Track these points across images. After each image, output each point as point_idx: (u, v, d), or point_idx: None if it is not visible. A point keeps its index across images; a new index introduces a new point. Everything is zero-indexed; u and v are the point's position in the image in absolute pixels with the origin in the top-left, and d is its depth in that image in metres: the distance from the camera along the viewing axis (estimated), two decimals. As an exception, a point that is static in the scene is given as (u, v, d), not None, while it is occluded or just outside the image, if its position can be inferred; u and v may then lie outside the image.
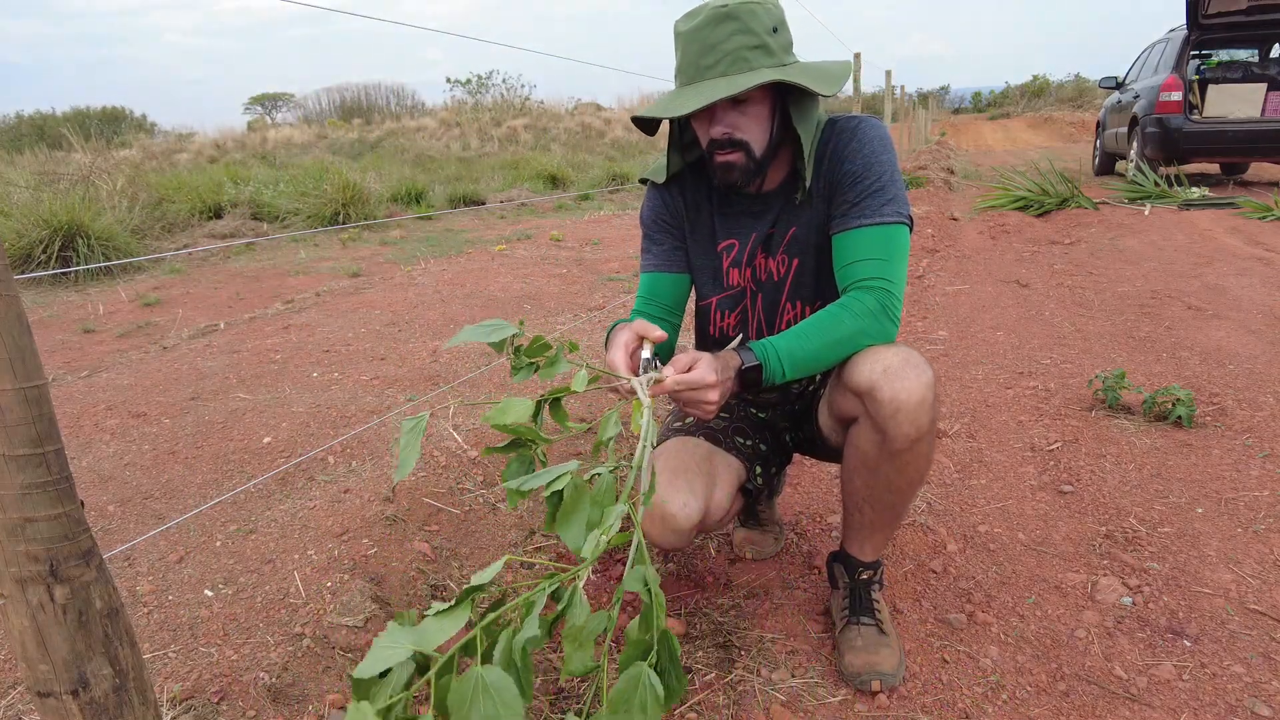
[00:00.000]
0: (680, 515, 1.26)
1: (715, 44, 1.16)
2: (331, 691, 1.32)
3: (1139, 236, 5.32)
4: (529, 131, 17.41)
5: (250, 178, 8.72)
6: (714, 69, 1.16)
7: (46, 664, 0.77)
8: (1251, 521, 1.77)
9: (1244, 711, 1.22)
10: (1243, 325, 3.22)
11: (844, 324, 1.19)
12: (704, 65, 1.17)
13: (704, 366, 1.12)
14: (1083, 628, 1.44)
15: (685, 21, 1.20)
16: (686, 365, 1.13)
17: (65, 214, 5.24)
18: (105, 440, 2.42)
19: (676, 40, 1.22)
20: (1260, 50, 8.40)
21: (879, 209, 1.22)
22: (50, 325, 4.11)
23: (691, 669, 1.38)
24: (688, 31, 1.18)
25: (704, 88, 1.16)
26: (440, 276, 4.87)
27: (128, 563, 1.69)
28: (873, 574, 1.39)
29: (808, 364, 1.20)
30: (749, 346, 1.19)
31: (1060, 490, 1.97)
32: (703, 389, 1.12)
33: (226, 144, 16.79)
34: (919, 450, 1.21)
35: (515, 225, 7.47)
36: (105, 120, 26.00)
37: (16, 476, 0.73)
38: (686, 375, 1.11)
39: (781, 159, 1.32)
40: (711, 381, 1.12)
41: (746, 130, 1.22)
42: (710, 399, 1.13)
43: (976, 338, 3.31)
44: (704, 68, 1.17)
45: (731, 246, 1.39)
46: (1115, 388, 2.43)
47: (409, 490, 1.95)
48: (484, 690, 0.67)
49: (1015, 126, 26.15)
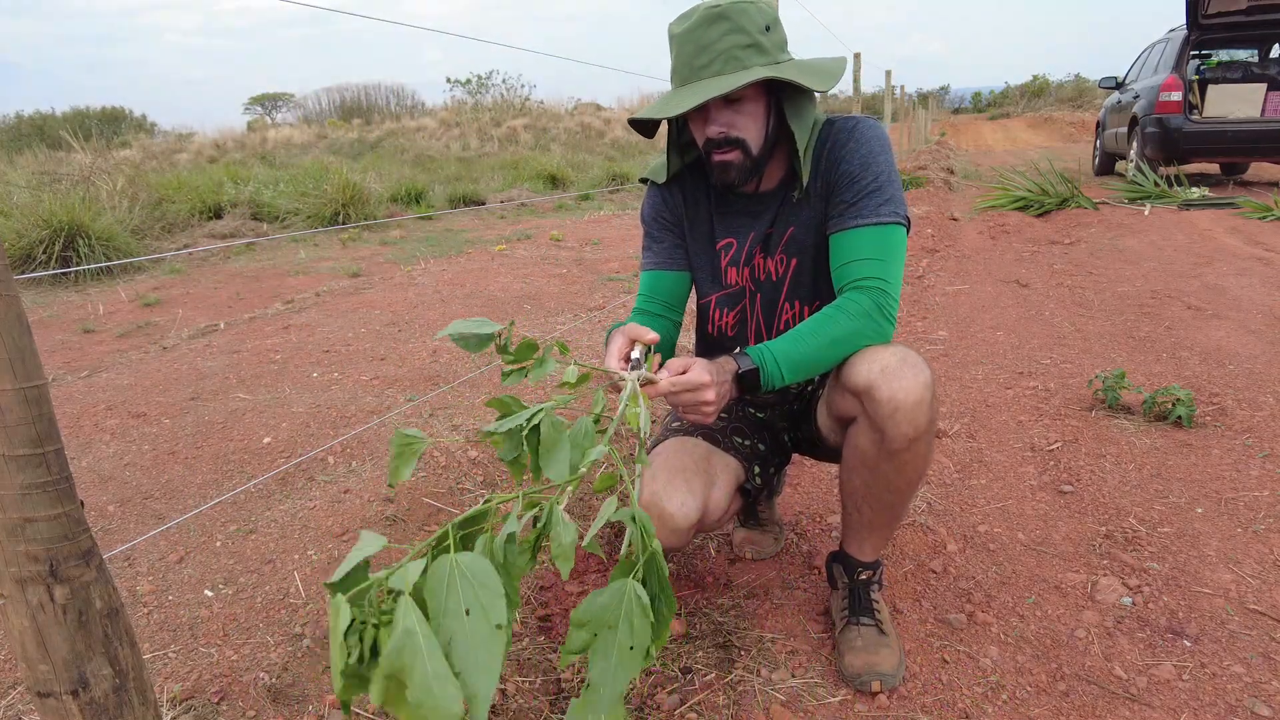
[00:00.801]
0: (678, 515, 1.26)
1: (708, 44, 1.16)
2: (332, 692, 1.32)
3: (1139, 236, 5.32)
4: (529, 131, 17.41)
5: (250, 178, 8.72)
6: (708, 69, 1.17)
7: (46, 664, 0.77)
8: (1251, 521, 1.77)
9: (1244, 711, 1.22)
10: (1242, 325, 3.22)
11: (840, 325, 1.19)
12: (698, 65, 1.17)
13: (698, 368, 1.13)
14: (1083, 628, 1.44)
15: (679, 23, 1.20)
16: (681, 368, 1.13)
17: (65, 214, 5.24)
18: (105, 440, 2.41)
19: (671, 42, 1.22)
20: (1260, 50, 8.40)
21: (876, 209, 1.23)
22: (50, 325, 4.11)
23: (691, 669, 1.38)
24: (681, 33, 1.19)
25: (698, 88, 1.16)
26: (440, 277, 4.87)
27: (128, 563, 1.69)
28: (872, 574, 1.39)
29: (805, 366, 1.20)
30: (745, 352, 1.20)
31: (1060, 490, 1.97)
32: (698, 389, 1.12)
33: (226, 144, 16.78)
34: (917, 450, 1.21)
35: (515, 225, 7.47)
36: (105, 120, 25.98)
37: (16, 476, 0.73)
38: (681, 376, 1.12)
39: (779, 158, 1.32)
40: (706, 381, 1.12)
41: (742, 129, 1.22)
42: (706, 398, 1.13)
43: (976, 338, 3.31)
44: (698, 68, 1.18)
45: (730, 245, 1.39)
46: (1115, 388, 2.43)
47: (409, 491, 1.95)
48: (460, 575, 0.60)
49: (1015, 126, 26.14)
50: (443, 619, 0.59)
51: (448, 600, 0.60)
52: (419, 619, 0.58)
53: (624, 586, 0.74)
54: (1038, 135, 22.96)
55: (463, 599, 0.60)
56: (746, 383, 1.18)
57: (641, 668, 0.73)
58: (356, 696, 0.61)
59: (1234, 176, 8.70)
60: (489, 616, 0.59)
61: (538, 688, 1.35)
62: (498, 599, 0.60)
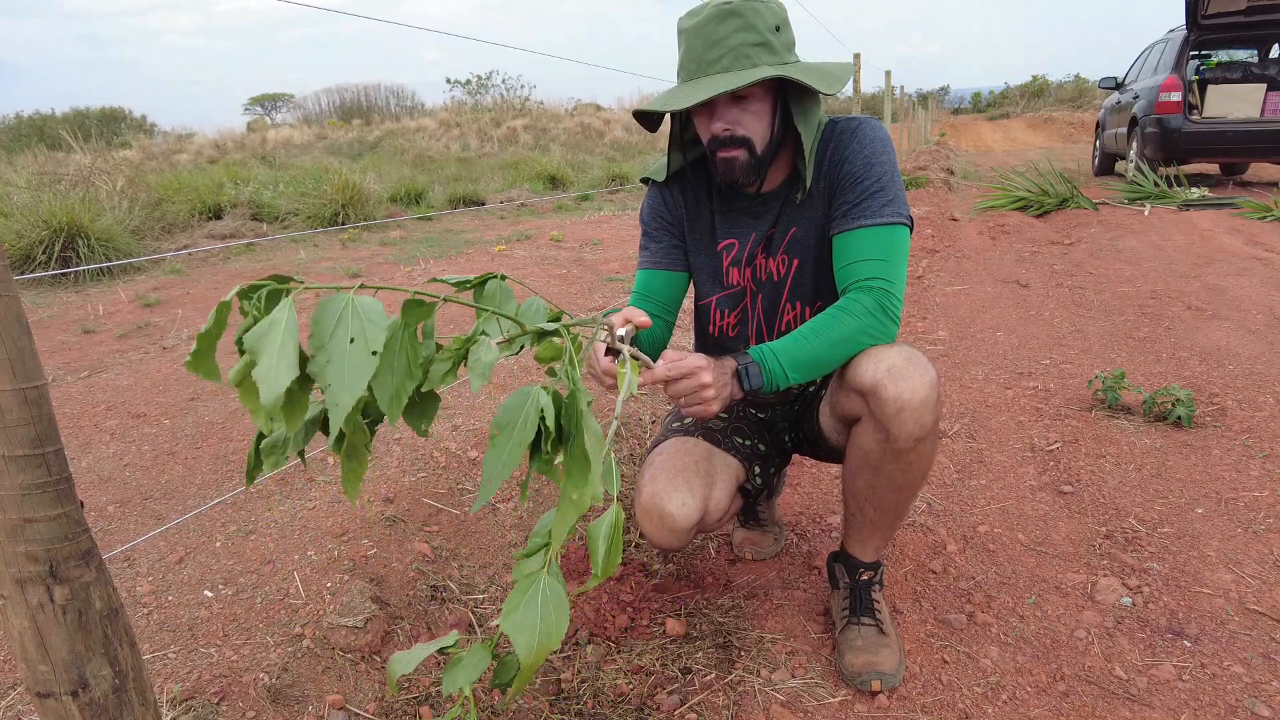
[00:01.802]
0: (679, 515, 1.26)
1: (718, 40, 1.16)
2: (331, 692, 1.32)
3: (1138, 237, 5.32)
4: (528, 132, 17.41)
5: (250, 178, 8.72)
6: (716, 64, 1.17)
7: (46, 665, 0.77)
8: (1251, 521, 1.77)
9: (1244, 712, 1.22)
10: (1242, 325, 3.22)
11: (844, 325, 1.19)
12: (707, 60, 1.17)
13: (695, 356, 1.13)
14: (1083, 628, 1.44)
15: (689, 18, 1.20)
16: (677, 358, 1.13)
17: (65, 215, 5.24)
18: (105, 441, 2.41)
19: (680, 36, 1.22)
20: (1259, 50, 8.40)
21: (879, 210, 1.23)
22: (50, 326, 4.11)
23: (691, 669, 1.38)
24: (691, 28, 1.19)
25: (706, 83, 1.16)
26: (440, 277, 4.87)
27: (127, 563, 1.69)
28: (873, 574, 1.39)
29: (809, 366, 1.19)
30: (747, 351, 1.19)
31: (1060, 490, 1.97)
32: (695, 373, 1.12)
33: (226, 144, 16.78)
34: (922, 449, 1.21)
35: (515, 226, 7.47)
36: (105, 121, 25.97)
37: (16, 477, 0.73)
38: (677, 363, 1.11)
39: (782, 159, 1.32)
40: (703, 364, 1.12)
41: (748, 127, 1.22)
42: (704, 380, 1.12)
43: (976, 338, 3.31)
44: (707, 63, 1.17)
45: (731, 246, 1.39)
46: (1115, 388, 2.43)
47: (409, 491, 1.95)
48: (353, 311, 0.66)
49: (1015, 127, 26.14)
50: (328, 342, 0.66)
51: (337, 329, 0.67)
52: (290, 318, 0.65)
53: (530, 392, 0.80)
54: (1037, 136, 22.96)
55: (350, 329, 0.67)
56: (748, 381, 1.17)
57: (518, 465, 0.79)
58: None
59: (1234, 177, 8.70)
60: (368, 345, 0.66)
61: (538, 688, 1.35)
62: (379, 331, 0.67)
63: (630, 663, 1.41)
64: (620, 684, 1.35)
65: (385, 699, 1.32)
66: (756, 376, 1.17)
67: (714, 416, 1.17)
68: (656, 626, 1.51)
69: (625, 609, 1.56)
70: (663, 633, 1.49)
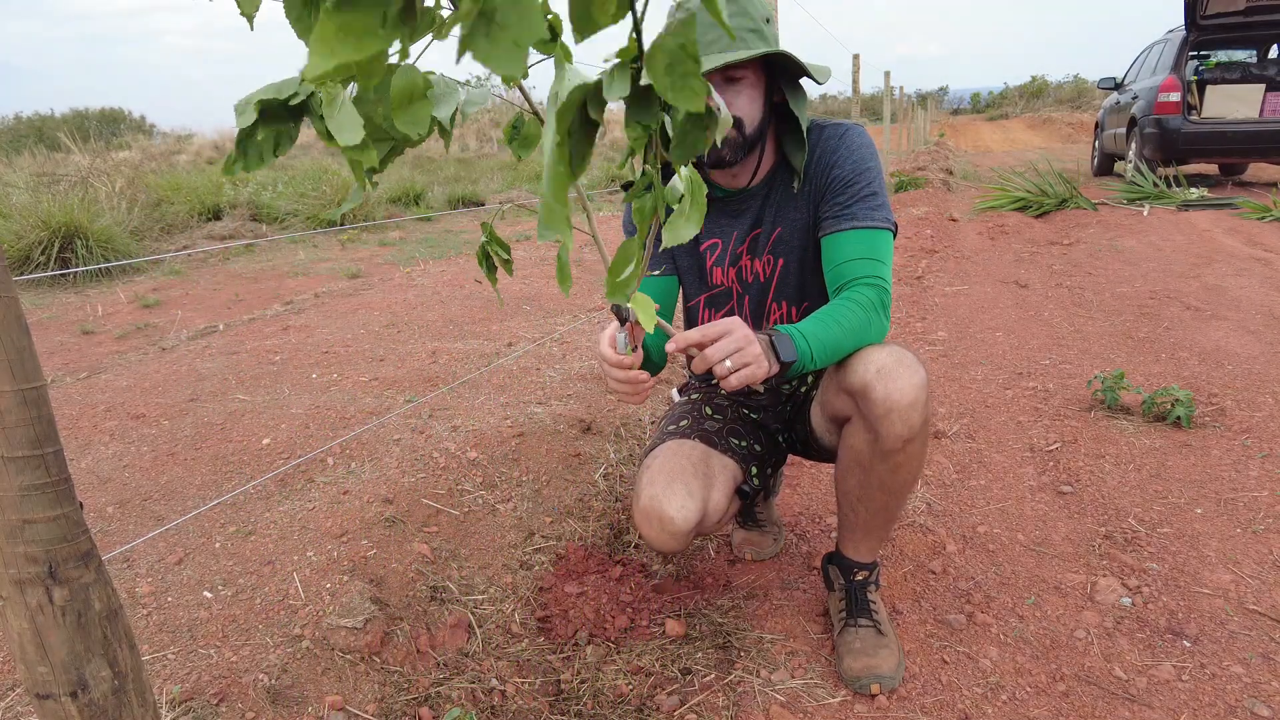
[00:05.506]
0: (678, 518, 1.27)
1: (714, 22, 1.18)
2: (331, 693, 1.32)
3: (1138, 237, 5.32)
4: (528, 132, 17.38)
5: (249, 179, 8.71)
6: (714, 45, 1.19)
7: (45, 666, 0.77)
8: (1251, 521, 1.77)
9: (1243, 712, 1.22)
10: (1241, 326, 3.22)
11: (855, 315, 1.20)
12: (705, 41, 1.20)
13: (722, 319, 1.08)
14: (1082, 628, 1.44)
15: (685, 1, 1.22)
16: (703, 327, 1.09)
17: (64, 215, 5.24)
18: (104, 442, 2.41)
19: None
20: (1258, 51, 8.41)
21: (870, 214, 1.26)
22: (49, 327, 4.11)
23: (691, 670, 1.38)
24: None
25: (705, 61, 1.17)
26: (439, 278, 4.87)
27: (127, 564, 1.69)
28: (868, 575, 1.39)
29: (830, 350, 1.17)
30: (776, 328, 1.16)
31: (1059, 491, 1.97)
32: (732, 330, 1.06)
33: (225, 145, 16.76)
34: (911, 450, 1.21)
35: (515, 226, 7.47)
36: (104, 121, 25.96)
37: (15, 478, 0.73)
38: (705, 327, 1.07)
39: (765, 157, 1.34)
40: (737, 322, 1.07)
41: (739, 108, 1.24)
42: (746, 335, 1.06)
43: (975, 338, 3.31)
44: (705, 44, 1.20)
45: (714, 246, 1.41)
46: (1114, 388, 2.43)
47: (408, 491, 1.95)
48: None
49: (1014, 127, 26.14)
50: None
51: None
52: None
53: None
54: (1036, 136, 22.97)
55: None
56: (783, 352, 1.12)
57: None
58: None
59: (1233, 177, 8.70)
60: None
61: (537, 688, 1.35)
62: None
63: (630, 663, 1.41)
64: (620, 685, 1.35)
65: (385, 700, 1.32)
66: (789, 350, 1.12)
67: (765, 378, 1.09)
68: (656, 627, 1.51)
69: (625, 609, 1.56)
70: (662, 633, 1.49)
